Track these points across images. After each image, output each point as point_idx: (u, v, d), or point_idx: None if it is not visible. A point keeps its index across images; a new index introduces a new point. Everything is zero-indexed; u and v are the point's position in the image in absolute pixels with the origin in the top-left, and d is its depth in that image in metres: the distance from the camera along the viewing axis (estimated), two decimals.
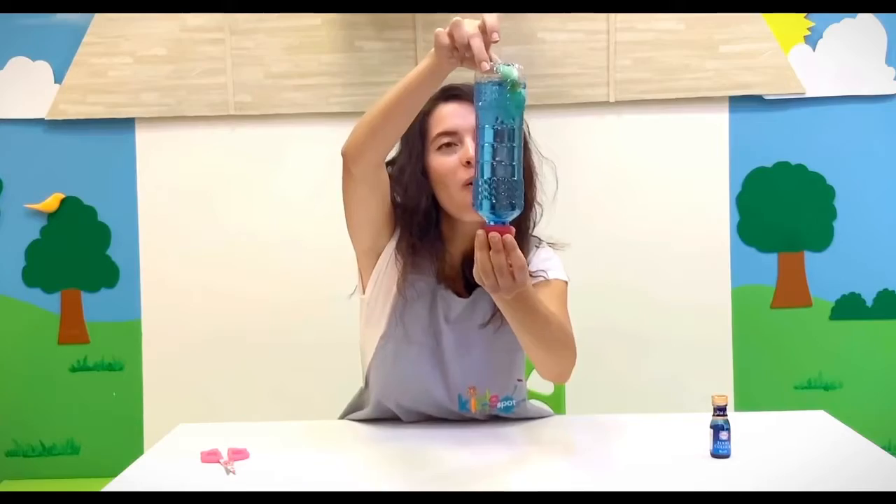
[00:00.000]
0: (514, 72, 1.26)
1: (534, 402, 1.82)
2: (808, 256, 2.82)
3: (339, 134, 2.77)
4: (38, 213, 2.85)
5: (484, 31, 1.29)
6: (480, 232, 1.28)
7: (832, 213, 2.81)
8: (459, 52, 1.31)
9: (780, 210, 2.81)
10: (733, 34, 2.74)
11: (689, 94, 2.76)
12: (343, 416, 1.83)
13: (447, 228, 1.65)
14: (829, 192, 2.80)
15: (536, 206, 1.67)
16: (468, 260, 1.64)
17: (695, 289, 2.80)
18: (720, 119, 2.79)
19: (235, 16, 2.75)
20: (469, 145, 1.55)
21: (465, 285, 1.66)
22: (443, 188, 1.59)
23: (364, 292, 1.67)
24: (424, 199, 1.60)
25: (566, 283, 1.69)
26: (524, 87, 1.27)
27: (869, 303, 2.82)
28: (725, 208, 2.82)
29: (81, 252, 2.86)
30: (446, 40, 1.33)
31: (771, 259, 2.83)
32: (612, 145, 2.79)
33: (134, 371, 2.87)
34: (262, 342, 2.84)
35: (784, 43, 2.75)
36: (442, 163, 1.58)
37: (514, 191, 1.26)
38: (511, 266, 1.27)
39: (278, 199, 2.84)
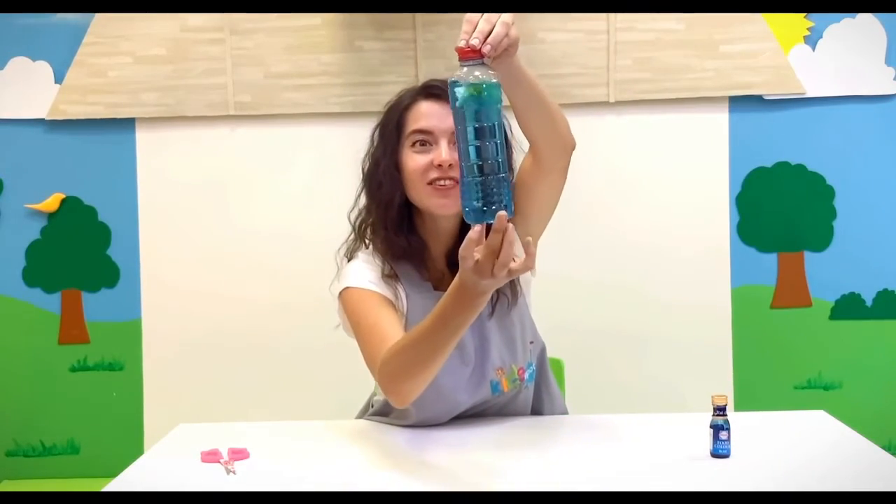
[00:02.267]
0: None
1: (540, 342, 1.79)
2: (808, 256, 2.82)
3: (339, 134, 2.81)
4: (38, 213, 2.85)
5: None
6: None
7: (832, 213, 2.81)
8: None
9: (780, 210, 2.81)
10: (733, 34, 2.74)
11: (689, 94, 2.76)
12: (363, 417, 1.82)
13: (424, 228, 1.65)
14: (829, 192, 2.80)
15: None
16: (451, 256, 1.65)
17: (695, 289, 2.80)
18: (720, 119, 2.79)
19: (235, 16, 2.75)
20: (443, 148, 1.56)
21: None
22: (412, 186, 1.60)
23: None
24: (398, 194, 1.62)
25: None
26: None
27: (869, 303, 2.82)
28: (725, 208, 2.81)
29: (81, 252, 2.86)
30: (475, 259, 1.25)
31: (771, 259, 2.83)
32: (612, 145, 2.79)
33: (134, 371, 2.87)
34: (263, 342, 2.84)
35: (784, 43, 2.75)
36: (414, 161, 1.60)
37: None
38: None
39: (278, 199, 2.84)
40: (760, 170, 2.80)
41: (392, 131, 1.63)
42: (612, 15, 2.73)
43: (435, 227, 1.65)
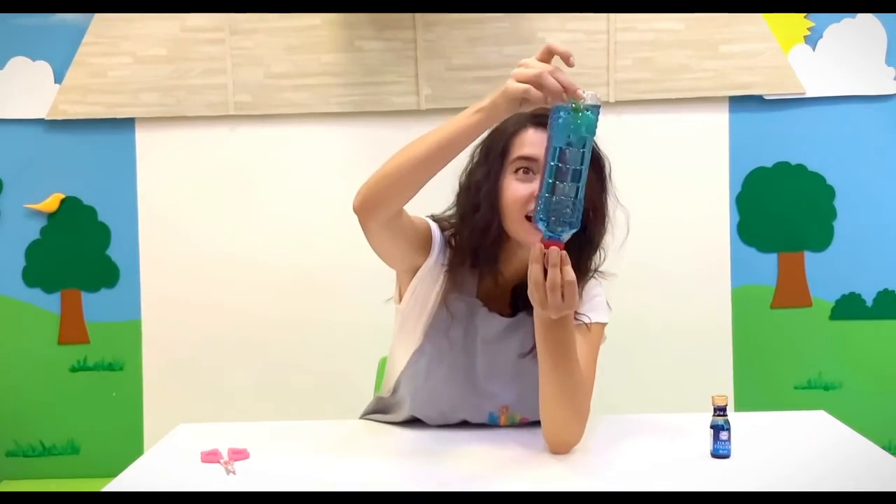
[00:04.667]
0: (589, 98, 1.33)
1: None
2: (808, 256, 2.82)
3: (338, 134, 2.81)
4: (38, 213, 2.85)
5: (555, 56, 1.32)
6: (537, 244, 1.32)
7: (832, 213, 2.81)
8: (547, 94, 1.30)
9: (780, 210, 2.81)
10: (733, 34, 2.74)
11: (689, 94, 2.76)
12: (364, 417, 1.82)
13: (504, 251, 1.60)
14: (829, 192, 2.80)
15: (601, 250, 1.64)
16: (522, 283, 1.61)
17: (695, 289, 2.80)
18: (720, 119, 2.79)
19: (235, 16, 2.75)
20: None
21: (512, 308, 1.63)
22: (506, 214, 1.55)
23: (400, 301, 1.65)
24: (496, 221, 1.55)
25: (605, 324, 1.68)
26: (597, 112, 1.33)
27: (869, 303, 2.82)
28: (725, 208, 2.81)
29: (81, 252, 2.86)
30: (523, 88, 1.30)
31: (771, 259, 2.83)
32: (612, 145, 2.78)
33: (134, 371, 2.87)
34: (263, 342, 2.84)
35: (784, 43, 2.75)
36: (515, 189, 1.53)
37: (574, 210, 1.32)
38: (563, 285, 1.32)
39: (278, 198, 2.84)
40: (760, 170, 2.80)
41: (496, 156, 1.57)
42: (612, 15, 2.73)
43: (515, 256, 1.60)
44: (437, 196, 1.62)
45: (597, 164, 1.58)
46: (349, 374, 1.86)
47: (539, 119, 1.57)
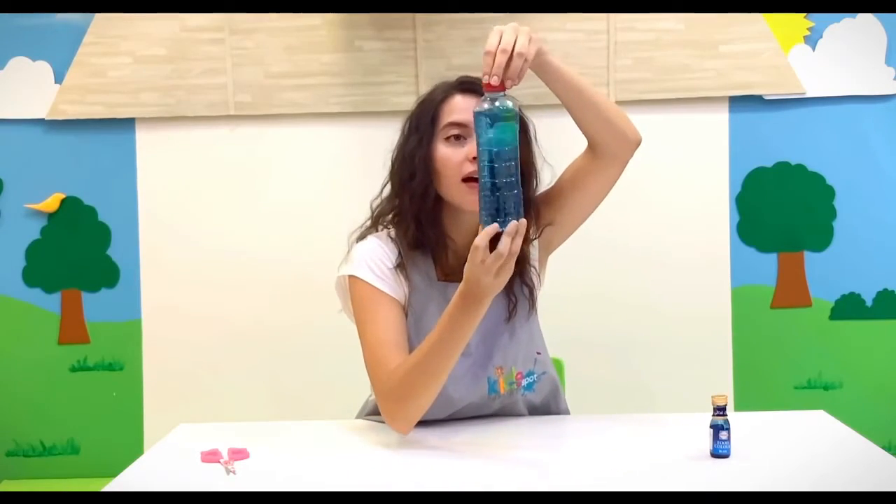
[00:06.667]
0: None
1: (552, 374, 1.79)
2: (808, 256, 2.82)
3: (339, 134, 2.81)
4: (38, 213, 2.85)
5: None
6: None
7: (832, 213, 2.81)
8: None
9: (780, 210, 2.81)
10: (733, 34, 2.74)
11: (689, 94, 2.76)
12: (362, 417, 1.82)
13: (448, 221, 1.65)
14: (829, 192, 2.80)
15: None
16: None
17: (695, 289, 2.80)
18: (720, 119, 2.79)
19: (235, 16, 2.75)
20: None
21: None
22: (443, 179, 1.60)
23: None
24: (433, 185, 1.61)
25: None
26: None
27: (869, 303, 2.82)
28: (725, 208, 2.81)
29: (81, 252, 2.86)
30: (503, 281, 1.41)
31: (771, 259, 2.83)
32: None
33: (134, 371, 2.87)
34: (263, 342, 2.84)
35: (784, 43, 2.75)
36: (447, 154, 1.60)
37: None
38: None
39: (278, 198, 2.84)
40: (760, 170, 2.80)
41: (427, 124, 1.63)
42: (612, 15, 2.73)
43: (460, 220, 1.65)
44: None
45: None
46: (349, 373, 1.86)
47: (466, 86, 1.62)
